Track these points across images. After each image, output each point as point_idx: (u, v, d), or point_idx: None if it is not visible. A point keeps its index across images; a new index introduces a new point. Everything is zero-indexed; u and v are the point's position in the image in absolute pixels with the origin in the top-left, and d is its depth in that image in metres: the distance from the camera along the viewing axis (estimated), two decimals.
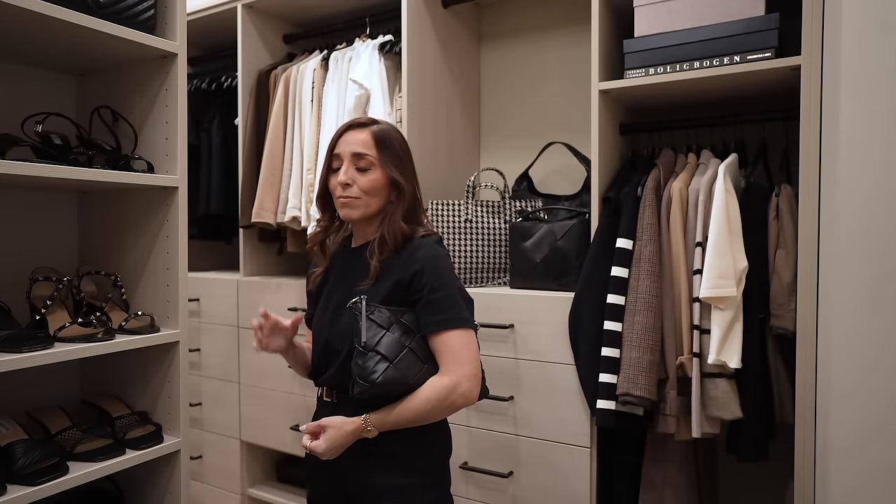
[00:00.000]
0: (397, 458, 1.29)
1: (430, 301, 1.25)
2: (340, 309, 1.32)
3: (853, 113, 1.17)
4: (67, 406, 1.66)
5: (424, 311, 1.26)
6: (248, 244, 2.37)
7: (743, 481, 1.90)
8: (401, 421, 1.24)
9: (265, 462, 2.44)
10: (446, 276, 1.28)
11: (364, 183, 1.30)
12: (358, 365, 1.22)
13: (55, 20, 1.34)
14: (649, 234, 1.57)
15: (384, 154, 1.31)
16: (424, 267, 1.26)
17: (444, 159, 2.18)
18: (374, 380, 1.20)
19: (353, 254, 1.38)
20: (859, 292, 1.13)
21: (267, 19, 2.41)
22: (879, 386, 1.09)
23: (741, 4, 1.53)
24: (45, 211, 1.73)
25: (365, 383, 1.21)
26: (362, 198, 1.31)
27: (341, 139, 1.34)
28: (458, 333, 1.25)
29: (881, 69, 1.10)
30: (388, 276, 1.29)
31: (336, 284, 1.38)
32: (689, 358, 1.51)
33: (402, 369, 1.22)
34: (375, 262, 1.29)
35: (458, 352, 1.24)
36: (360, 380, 1.22)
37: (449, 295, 1.26)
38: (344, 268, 1.39)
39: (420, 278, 1.26)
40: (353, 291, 1.30)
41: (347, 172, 1.31)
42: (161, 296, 1.64)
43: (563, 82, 2.19)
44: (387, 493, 1.28)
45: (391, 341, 1.23)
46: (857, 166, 1.15)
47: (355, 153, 1.31)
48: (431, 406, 1.23)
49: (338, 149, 1.34)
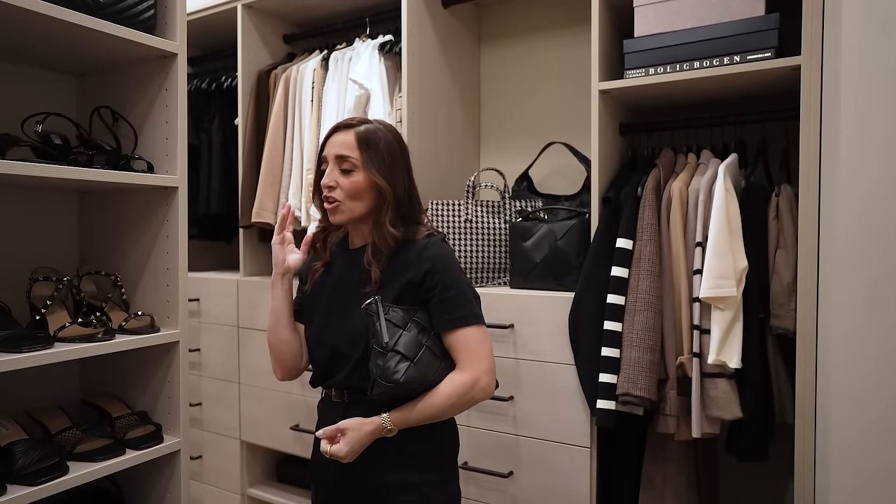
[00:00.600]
0: (412, 456, 1.30)
1: (443, 299, 1.27)
2: (349, 312, 1.32)
3: (853, 113, 1.17)
4: (67, 406, 1.66)
5: (438, 308, 1.27)
6: (248, 244, 2.37)
7: (743, 481, 1.90)
8: (422, 418, 1.25)
9: (265, 462, 2.44)
10: (457, 274, 1.30)
11: (346, 185, 1.30)
12: (378, 366, 1.22)
13: (55, 20, 1.34)
14: (649, 234, 1.57)
15: (367, 155, 1.30)
16: (435, 265, 1.27)
17: (444, 159, 2.18)
18: (398, 379, 1.20)
19: (354, 255, 1.38)
20: (859, 292, 1.13)
21: (267, 19, 2.41)
22: (879, 386, 1.09)
23: (741, 4, 1.53)
24: (46, 211, 1.73)
25: (387, 383, 1.20)
26: (345, 202, 1.30)
27: (329, 141, 1.34)
28: (474, 330, 1.27)
29: (881, 69, 1.10)
30: (398, 276, 1.29)
31: (339, 287, 1.37)
32: (689, 358, 1.51)
33: (422, 368, 1.23)
34: (375, 269, 1.29)
35: (475, 347, 1.27)
36: (382, 380, 1.21)
37: (462, 292, 1.28)
38: (345, 269, 1.38)
39: (432, 276, 1.27)
40: (361, 295, 1.29)
41: (331, 174, 1.31)
42: (161, 296, 1.64)
43: (563, 82, 2.19)
44: (403, 490, 1.28)
45: (409, 340, 1.23)
46: (857, 166, 1.15)
47: (338, 155, 1.31)
48: (452, 402, 1.25)
49: (325, 150, 1.34)
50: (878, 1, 1.11)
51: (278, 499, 2.29)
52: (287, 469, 2.40)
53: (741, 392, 1.48)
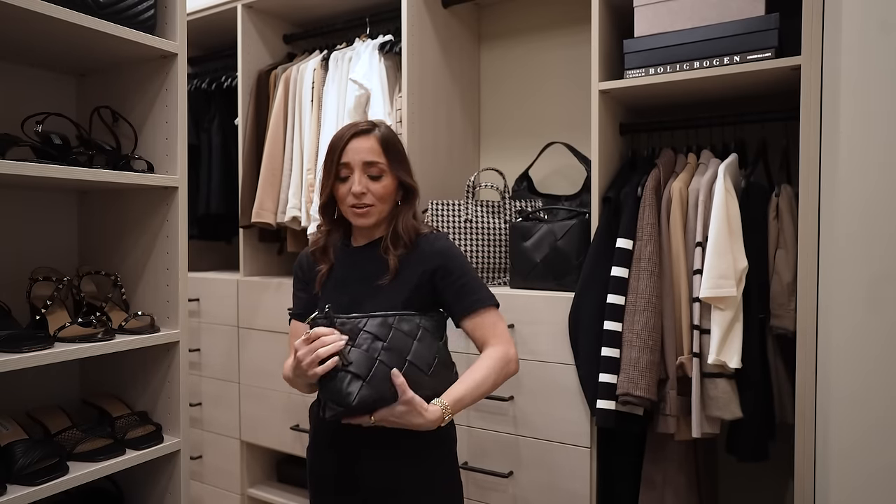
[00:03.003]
0: (418, 454, 1.29)
1: (462, 286, 1.31)
2: (362, 308, 1.30)
3: (853, 113, 1.17)
4: (67, 406, 1.66)
5: (457, 295, 1.31)
6: (248, 244, 2.37)
7: (743, 481, 1.90)
8: (476, 398, 1.26)
9: (265, 462, 2.44)
10: (467, 264, 1.36)
11: (378, 190, 1.31)
12: (327, 387, 1.18)
13: (55, 20, 1.34)
14: (649, 234, 1.57)
15: (392, 158, 1.33)
16: (448, 256, 1.32)
17: (444, 159, 2.18)
18: (350, 402, 1.16)
19: (359, 253, 1.37)
20: (859, 292, 1.13)
21: (267, 19, 2.41)
22: (879, 386, 1.09)
23: (741, 4, 1.53)
24: (46, 211, 1.73)
25: (339, 406, 1.17)
26: (376, 205, 1.32)
27: (348, 147, 1.31)
28: (494, 312, 1.33)
29: (881, 69, 1.10)
30: (411, 268, 1.31)
31: (345, 284, 1.35)
32: (689, 358, 1.51)
33: (377, 385, 1.18)
34: (393, 258, 1.30)
35: (498, 326, 1.32)
36: (334, 403, 1.18)
37: (475, 278, 1.34)
38: (351, 267, 1.37)
39: (447, 267, 1.31)
40: (372, 288, 1.30)
41: (361, 182, 1.30)
42: (161, 296, 1.64)
43: (563, 82, 2.19)
44: (412, 489, 1.28)
45: (359, 356, 1.18)
46: (857, 166, 1.15)
47: (367, 161, 1.31)
48: (497, 376, 1.28)
49: (345, 157, 1.31)
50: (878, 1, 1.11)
51: (278, 499, 2.29)
52: (287, 469, 2.40)
53: (741, 392, 1.48)
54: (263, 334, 2.24)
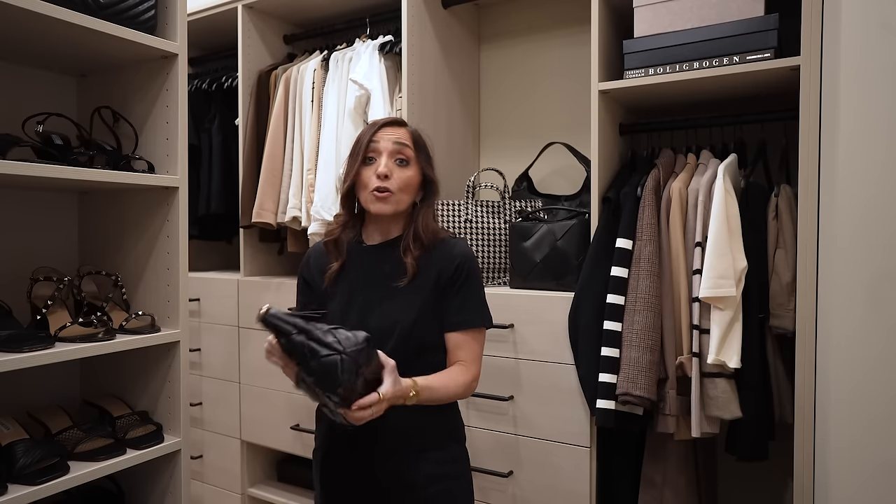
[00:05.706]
0: (430, 448, 1.30)
1: (467, 297, 1.31)
2: (375, 308, 1.30)
3: (853, 113, 1.17)
4: (68, 406, 1.66)
5: (457, 302, 1.31)
6: (249, 244, 2.37)
7: (743, 481, 1.90)
8: (439, 397, 1.25)
9: (265, 462, 2.44)
10: (480, 277, 1.36)
11: (402, 177, 1.31)
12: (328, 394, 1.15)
13: (55, 20, 1.34)
14: (649, 234, 1.58)
15: (420, 151, 1.34)
16: (465, 261, 1.32)
17: (444, 159, 2.18)
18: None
19: (374, 252, 1.35)
20: (859, 292, 1.13)
21: (267, 19, 2.41)
22: (878, 385, 1.09)
23: (741, 5, 1.54)
24: (46, 211, 1.73)
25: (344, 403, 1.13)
26: (397, 193, 1.30)
27: (380, 132, 1.33)
28: (482, 333, 1.35)
29: (881, 69, 1.10)
30: (429, 270, 1.30)
31: (360, 283, 1.33)
32: (689, 358, 1.52)
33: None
34: (411, 259, 1.30)
35: (477, 351, 1.33)
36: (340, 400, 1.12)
37: (481, 296, 1.35)
38: (365, 266, 1.35)
39: (461, 270, 1.31)
40: (389, 290, 1.30)
41: (387, 164, 1.30)
42: (161, 296, 1.65)
43: (563, 82, 2.19)
44: (426, 484, 1.28)
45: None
46: (857, 166, 1.15)
47: (398, 142, 1.31)
48: (459, 392, 1.29)
49: (375, 141, 1.32)
50: (878, 1, 1.11)
51: (278, 498, 2.29)
52: (287, 469, 2.40)
53: (740, 392, 1.49)
54: (264, 334, 2.21)
